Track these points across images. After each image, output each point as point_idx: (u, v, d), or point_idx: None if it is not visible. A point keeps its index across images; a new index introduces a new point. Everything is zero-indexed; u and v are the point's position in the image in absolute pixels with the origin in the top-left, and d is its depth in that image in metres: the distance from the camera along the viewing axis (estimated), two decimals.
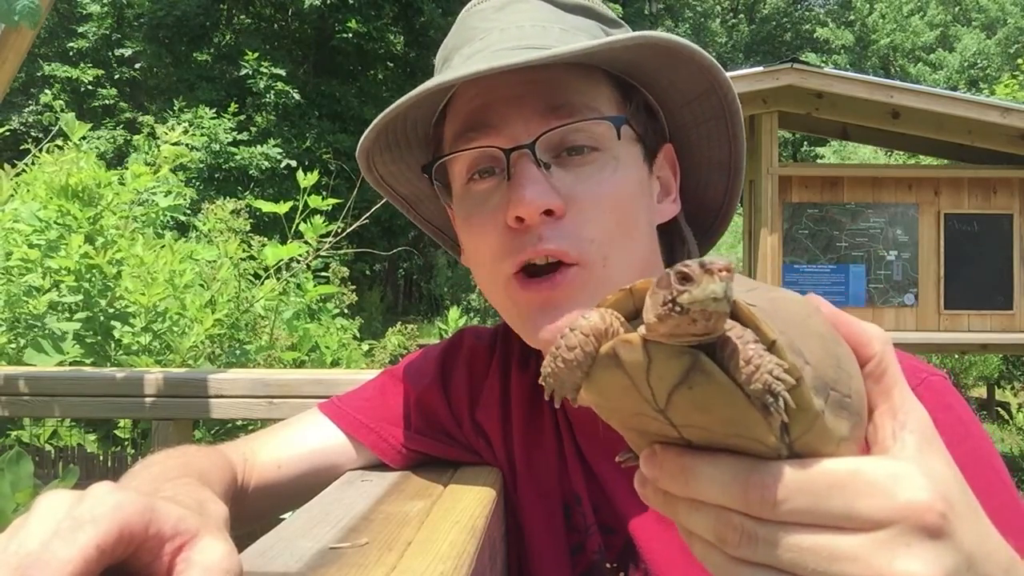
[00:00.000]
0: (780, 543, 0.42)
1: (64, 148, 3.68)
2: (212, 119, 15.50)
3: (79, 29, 19.41)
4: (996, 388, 11.34)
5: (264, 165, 15.99)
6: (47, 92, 18.46)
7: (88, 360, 2.94)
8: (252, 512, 0.89)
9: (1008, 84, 14.87)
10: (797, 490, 0.42)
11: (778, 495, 0.42)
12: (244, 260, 3.65)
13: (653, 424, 0.44)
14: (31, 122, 17.74)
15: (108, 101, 19.39)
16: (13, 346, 2.93)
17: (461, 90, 0.80)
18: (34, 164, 3.66)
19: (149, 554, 0.47)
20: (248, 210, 4.03)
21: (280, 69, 17.11)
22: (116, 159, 15.46)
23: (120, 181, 3.65)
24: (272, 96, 16.97)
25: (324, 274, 4.33)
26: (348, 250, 4.57)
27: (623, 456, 0.51)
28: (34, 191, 3.41)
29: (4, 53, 2.09)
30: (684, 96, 0.82)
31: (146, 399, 2.00)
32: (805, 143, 24.67)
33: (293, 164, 14.66)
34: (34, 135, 14.24)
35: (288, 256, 3.65)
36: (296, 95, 17.07)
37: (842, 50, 32.52)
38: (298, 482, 0.92)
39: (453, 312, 5.40)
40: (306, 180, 3.55)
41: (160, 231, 4.17)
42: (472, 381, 0.96)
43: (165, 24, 18.08)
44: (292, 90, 17.02)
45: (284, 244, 3.69)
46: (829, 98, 6.99)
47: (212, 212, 3.96)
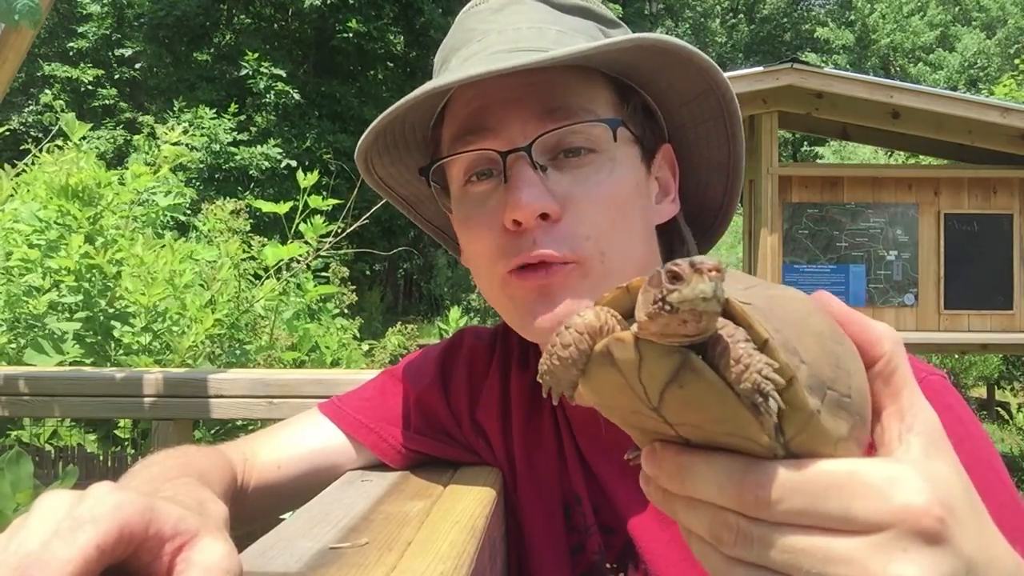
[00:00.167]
0: (775, 544, 0.42)
1: (64, 148, 3.68)
2: (212, 119, 15.50)
3: (79, 29, 19.41)
4: (996, 388, 11.34)
5: (264, 165, 15.99)
6: (47, 92, 18.46)
7: (88, 360, 2.94)
8: (252, 512, 0.89)
9: (1007, 84, 14.87)
10: (792, 491, 0.42)
11: (772, 495, 0.42)
12: (244, 260, 3.65)
13: (650, 422, 0.45)
14: (31, 122, 17.74)
15: (108, 101, 19.40)
16: (13, 346, 2.93)
17: (458, 93, 0.81)
18: (34, 164, 3.67)
19: (149, 554, 0.47)
20: (248, 210, 4.03)
21: (280, 69, 17.11)
22: (116, 159, 15.46)
23: (120, 181, 3.65)
24: (272, 96, 16.97)
25: (324, 274, 4.33)
26: (348, 250, 4.57)
27: (631, 454, 0.51)
28: (34, 191, 3.41)
29: (4, 53, 2.09)
30: (682, 97, 0.82)
31: (146, 399, 2.00)
32: (805, 143, 24.66)
33: (293, 164, 14.66)
34: (34, 135, 14.27)
35: (288, 256, 3.65)
36: (296, 95, 17.07)
37: (842, 50, 32.51)
38: (298, 482, 0.92)
39: (453, 312, 5.39)
40: (306, 180, 3.55)
41: (160, 231, 4.17)
42: (472, 381, 0.96)
43: (165, 24, 18.08)
44: (292, 90, 17.02)
45: (284, 244, 3.70)
46: (829, 98, 6.99)
47: (212, 212, 3.96)
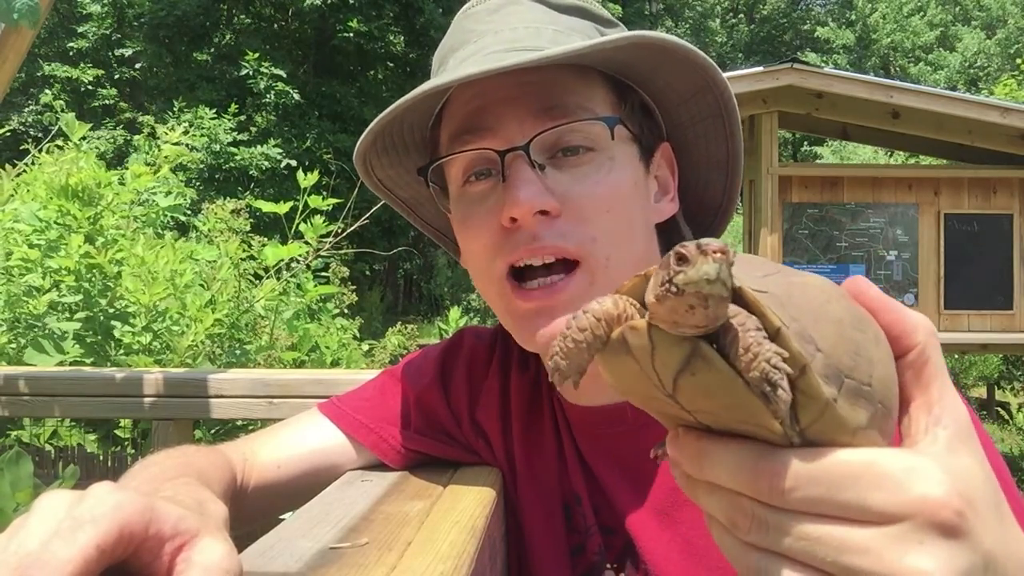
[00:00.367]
0: (790, 531, 0.42)
1: (64, 148, 3.68)
2: (212, 119, 15.51)
3: (79, 29, 19.41)
4: (996, 388, 11.35)
5: (264, 165, 15.99)
6: (47, 92, 18.45)
7: (88, 360, 2.94)
8: (252, 512, 0.89)
9: (1007, 84, 14.88)
10: (808, 479, 0.42)
11: (787, 483, 0.42)
12: (244, 260, 3.65)
13: (668, 407, 0.45)
14: (31, 122, 17.74)
15: (108, 101, 19.40)
16: (13, 346, 2.93)
17: (456, 93, 0.81)
18: (34, 164, 3.67)
19: (149, 554, 0.47)
20: (248, 210, 4.04)
21: (280, 69, 17.12)
22: (116, 159, 15.46)
23: (120, 181, 3.65)
24: (272, 96, 16.97)
25: (324, 274, 4.33)
26: (348, 250, 4.57)
27: (657, 449, 0.51)
28: (34, 191, 3.41)
29: (4, 53, 2.09)
30: (680, 95, 0.82)
31: (146, 399, 2.01)
32: (805, 143, 24.66)
33: (293, 164, 14.67)
34: (34, 135, 14.26)
35: (288, 256, 3.65)
36: (296, 95, 17.07)
37: (842, 50, 32.51)
38: (298, 482, 0.92)
39: (453, 312, 5.39)
40: (306, 180, 3.56)
41: (160, 231, 4.17)
42: (472, 381, 0.96)
43: (165, 24, 18.08)
44: (292, 90, 17.02)
45: (284, 244, 3.70)
46: (829, 98, 6.99)
47: (212, 212, 3.96)
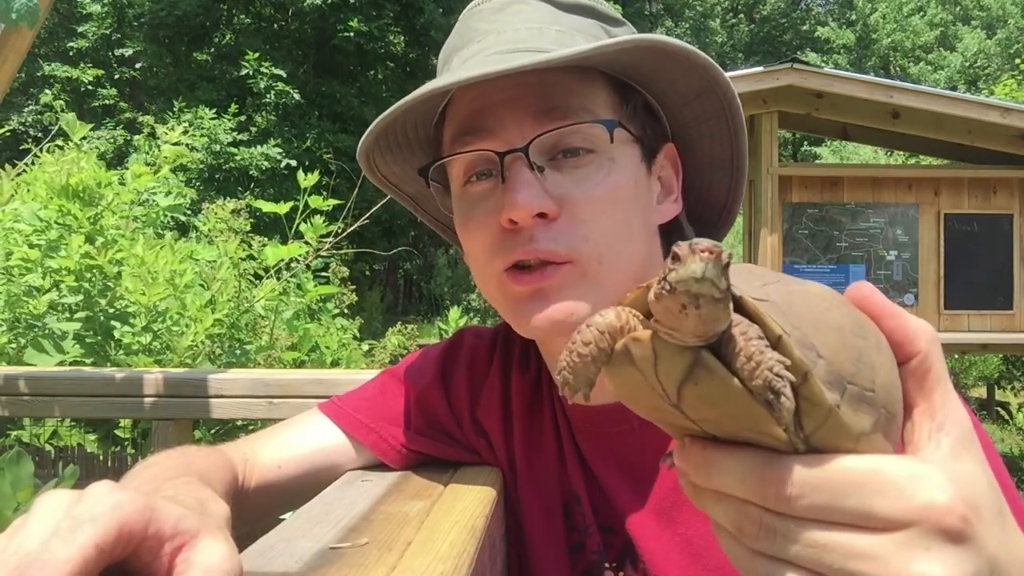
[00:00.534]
0: (797, 538, 0.42)
1: (64, 148, 3.68)
2: (212, 119, 15.51)
3: (79, 29, 19.41)
4: (996, 388, 11.35)
5: (264, 165, 15.99)
6: (47, 92, 18.45)
7: (88, 360, 2.94)
8: (253, 512, 0.89)
9: (1007, 84, 14.88)
10: (814, 486, 0.42)
11: (793, 491, 0.42)
12: (244, 260, 3.65)
13: (674, 417, 0.45)
14: (31, 122, 17.74)
15: (108, 101, 19.40)
16: (13, 346, 2.93)
17: (458, 94, 0.81)
18: (34, 164, 3.66)
19: (149, 553, 0.47)
20: (248, 210, 4.03)
21: (280, 69, 17.12)
22: (116, 159, 15.46)
23: (120, 181, 3.65)
24: (272, 96, 16.98)
25: (324, 274, 4.32)
26: (348, 250, 4.57)
27: (665, 459, 0.51)
28: (34, 191, 3.41)
29: (4, 53, 2.08)
30: (684, 96, 0.82)
31: (146, 399, 2.00)
32: (805, 143, 24.66)
33: (293, 164, 14.67)
34: (34, 135, 14.27)
35: (288, 256, 3.65)
36: (296, 95, 17.07)
37: (843, 50, 32.51)
38: (298, 482, 0.92)
39: (453, 312, 5.39)
40: (306, 180, 3.55)
41: (160, 231, 4.17)
42: (472, 381, 0.96)
43: (165, 24, 18.09)
44: (292, 90, 17.02)
45: (284, 244, 3.70)
46: (829, 98, 6.99)
47: (212, 212, 3.96)
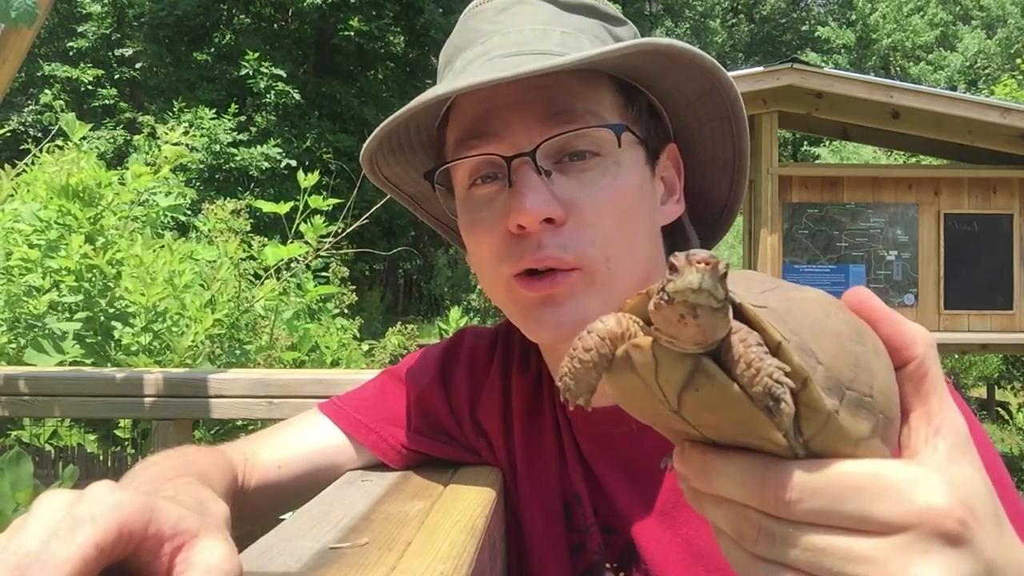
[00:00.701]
0: (796, 542, 0.43)
1: (64, 148, 3.68)
2: (212, 119, 15.50)
3: (79, 29, 19.41)
4: (996, 388, 11.35)
5: (264, 165, 15.99)
6: (47, 92, 18.44)
7: (88, 360, 2.94)
8: (252, 512, 0.89)
9: (1008, 84, 14.88)
10: (812, 491, 0.42)
11: (792, 495, 0.42)
12: (244, 260, 3.65)
13: (674, 423, 0.46)
14: (31, 122, 17.73)
15: (108, 101, 19.39)
16: (13, 346, 2.93)
17: (462, 96, 0.81)
18: (34, 164, 3.66)
19: (149, 553, 0.47)
20: (248, 210, 4.03)
21: (280, 69, 17.11)
22: (116, 159, 15.46)
23: (120, 181, 3.65)
24: (272, 96, 16.97)
25: (324, 274, 4.32)
26: (348, 250, 4.57)
27: (664, 461, 0.52)
28: (34, 191, 3.41)
29: (4, 53, 2.08)
30: (687, 97, 0.82)
31: (146, 399, 2.00)
32: (805, 143, 24.66)
33: (293, 164, 14.67)
34: (34, 135, 14.27)
35: (288, 256, 3.65)
36: (296, 95, 17.07)
37: (843, 50, 32.49)
38: (298, 482, 0.92)
39: (454, 312, 5.39)
40: (306, 180, 3.55)
41: (160, 231, 4.16)
42: (473, 381, 0.96)
43: (165, 24, 18.08)
44: (292, 90, 17.01)
45: (284, 244, 3.69)
46: (829, 98, 6.99)
47: (212, 212, 3.96)
